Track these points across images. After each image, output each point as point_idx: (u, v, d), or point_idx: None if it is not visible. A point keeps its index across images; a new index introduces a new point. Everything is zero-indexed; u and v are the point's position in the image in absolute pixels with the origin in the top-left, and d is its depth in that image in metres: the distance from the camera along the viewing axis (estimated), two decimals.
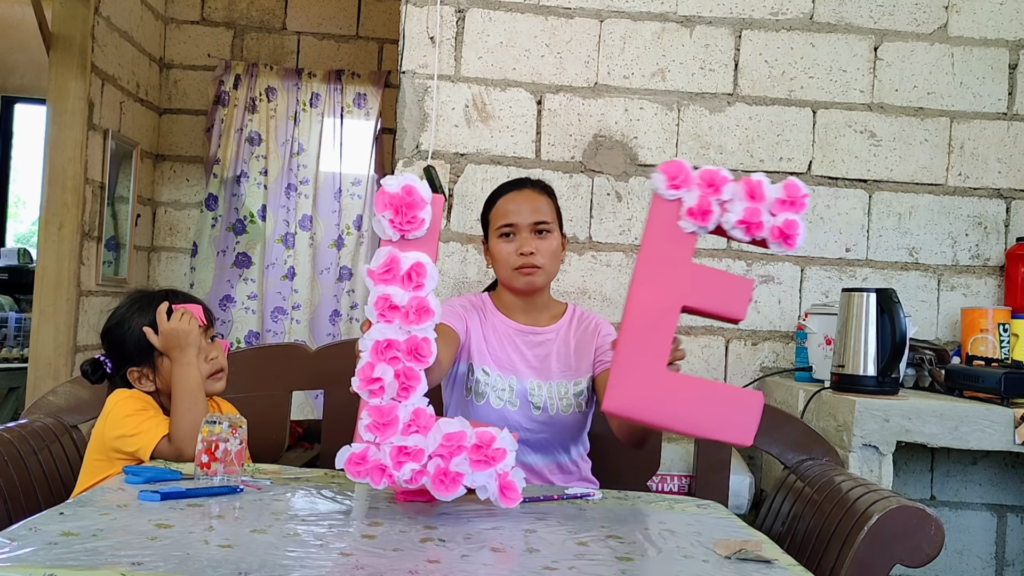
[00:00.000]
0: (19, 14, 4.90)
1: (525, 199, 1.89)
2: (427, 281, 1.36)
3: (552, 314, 1.97)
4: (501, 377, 1.89)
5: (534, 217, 1.87)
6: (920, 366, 2.40)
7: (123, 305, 1.75)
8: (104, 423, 1.64)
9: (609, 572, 1.13)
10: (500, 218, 1.90)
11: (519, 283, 1.88)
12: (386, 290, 1.35)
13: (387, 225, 1.37)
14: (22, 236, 6.14)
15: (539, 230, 1.87)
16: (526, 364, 1.91)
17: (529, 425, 1.86)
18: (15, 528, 1.14)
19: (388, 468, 1.32)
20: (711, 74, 2.63)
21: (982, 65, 2.66)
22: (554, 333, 1.93)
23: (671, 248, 1.42)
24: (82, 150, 3.47)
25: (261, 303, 4.24)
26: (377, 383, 1.33)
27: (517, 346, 1.92)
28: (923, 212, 2.66)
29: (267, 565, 1.05)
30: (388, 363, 1.33)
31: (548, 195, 1.94)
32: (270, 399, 2.12)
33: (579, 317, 1.98)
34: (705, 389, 1.41)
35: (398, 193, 1.37)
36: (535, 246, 1.85)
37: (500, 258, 1.89)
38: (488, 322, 1.94)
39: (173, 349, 1.66)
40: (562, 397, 1.88)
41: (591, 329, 1.95)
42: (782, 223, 1.46)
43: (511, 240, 1.88)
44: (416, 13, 2.59)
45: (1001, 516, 2.64)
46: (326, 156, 4.32)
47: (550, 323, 1.95)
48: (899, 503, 1.54)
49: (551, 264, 1.90)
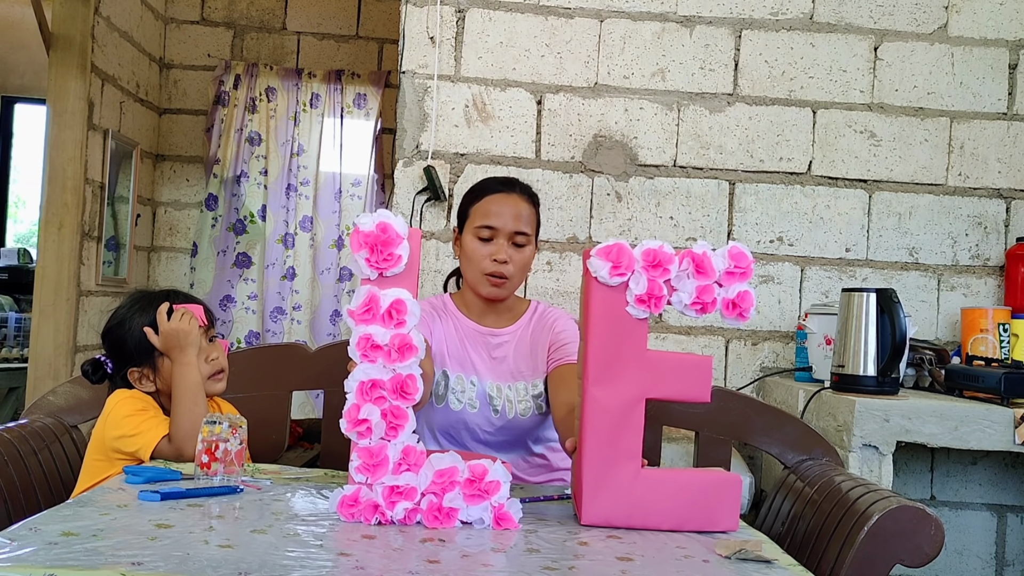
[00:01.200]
0: (19, 14, 4.90)
1: (511, 204, 1.84)
2: (408, 318, 1.33)
3: (514, 314, 1.93)
4: (462, 378, 1.87)
5: (515, 226, 1.83)
6: (920, 366, 2.40)
7: (124, 305, 1.75)
8: (104, 423, 1.64)
9: (609, 572, 1.13)
10: (481, 217, 1.85)
11: (484, 290, 1.85)
12: (367, 330, 1.32)
13: (364, 264, 1.35)
14: (22, 236, 6.14)
15: (517, 242, 1.83)
16: (485, 365, 1.89)
17: (488, 428, 1.86)
18: (15, 528, 1.14)
19: (381, 506, 1.30)
20: (711, 74, 2.63)
21: (982, 65, 2.66)
22: (512, 334, 1.91)
23: (623, 338, 1.35)
24: (82, 150, 3.47)
25: (261, 303, 4.24)
26: (364, 424, 1.30)
27: (477, 347, 1.90)
28: (923, 212, 2.66)
29: (267, 565, 1.05)
30: (374, 403, 1.31)
31: (533, 204, 1.90)
32: (270, 399, 2.12)
33: (540, 314, 1.94)
34: (682, 481, 1.36)
35: (373, 231, 1.35)
36: (509, 255, 1.82)
37: (473, 258, 1.85)
38: (448, 324, 1.91)
39: (173, 349, 1.66)
40: (521, 400, 1.87)
41: (547, 327, 1.91)
42: (735, 296, 1.42)
43: (488, 243, 1.83)
44: (416, 13, 2.59)
45: (1001, 516, 2.64)
46: (326, 156, 4.32)
47: (510, 323, 1.92)
48: (899, 503, 1.54)
49: (520, 276, 1.87)
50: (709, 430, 2.09)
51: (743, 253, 1.42)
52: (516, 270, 1.84)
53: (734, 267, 1.39)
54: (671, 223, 2.62)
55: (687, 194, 2.62)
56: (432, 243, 2.57)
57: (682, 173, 2.63)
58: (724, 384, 2.60)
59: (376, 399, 1.31)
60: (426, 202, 2.56)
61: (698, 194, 2.62)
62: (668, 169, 2.62)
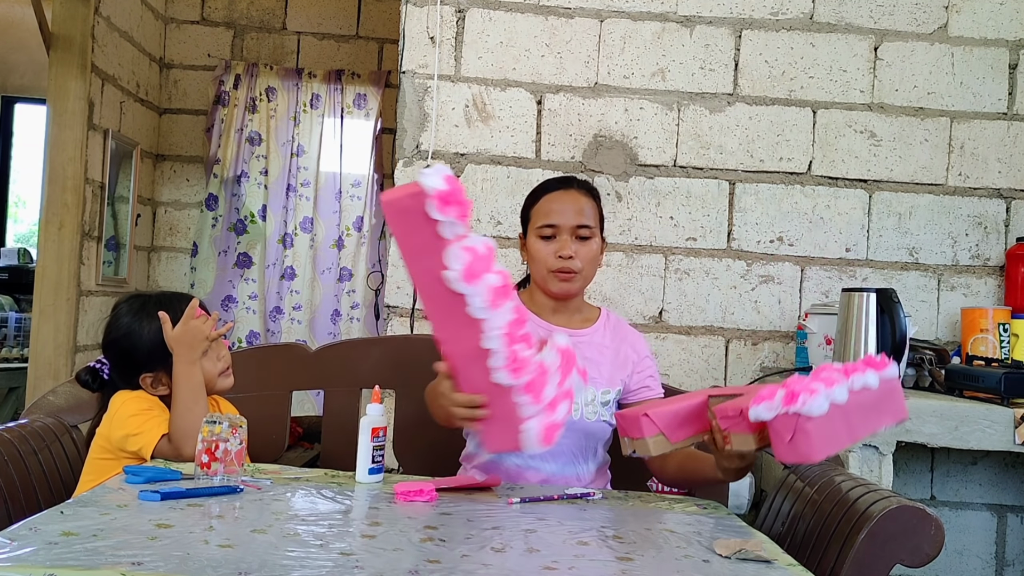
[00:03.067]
0: (19, 14, 4.90)
1: (570, 200, 1.85)
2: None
3: (584, 317, 1.94)
4: None
5: (577, 220, 1.83)
6: (920, 366, 2.40)
7: (123, 313, 1.73)
8: (110, 422, 1.65)
9: (609, 572, 1.14)
10: (542, 217, 1.86)
11: (554, 287, 1.85)
12: (493, 279, 1.39)
13: (458, 223, 1.37)
14: (22, 236, 6.14)
15: (581, 235, 1.84)
16: None
17: None
18: (15, 528, 1.14)
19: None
20: (711, 74, 2.63)
21: (982, 65, 2.66)
22: (587, 337, 1.90)
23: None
24: (82, 150, 3.47)
25: (262, 303, 4.25)
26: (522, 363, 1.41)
27: None
28: (923, 212, 2.66)
29: (267, 565, 1.05)
30: (521, 340, 1.43)
31: (593, 197, 1.90)
32: (270, 399, 2.12)
33: (614, 325, 1.96)
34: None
35: (445, 188, 1.35)
36: (575, 250, 1.82)
37: (538, 258, 1.85)
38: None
39: (184, 345, 1.67)
40: (588, 403, 1.85)
41: (627, 342, 1.93)
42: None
43: (551, 241, 1.84)
44: (416, 13, 2.59)
45: (1001, 516, 2.64)
46: (326, 157, 4.33)
47: (582, 326, 1.92)
48: (899, 503, 1.54)
49: (589, 269, 1.86)
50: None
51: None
52: (584, 263, 1.84)
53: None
54: (671, 223, 2.62)
55: (687, 194, 2.62)
56: None
57: (682, 173, 2.63)
58: (724, 384, 2.60)
59: (521, 337, 1.40)
60: None
61: (698, 194, 2.62)
62: (668, 169, 2.62)
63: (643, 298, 2.61)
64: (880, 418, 1.37)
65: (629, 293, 2.61)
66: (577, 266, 1.83)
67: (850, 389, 1.31)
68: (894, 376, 1.39)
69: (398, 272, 2.56)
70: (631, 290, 2.61)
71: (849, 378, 1.32)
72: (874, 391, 1.34)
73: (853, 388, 1.32)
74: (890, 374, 1.38)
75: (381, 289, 4.04)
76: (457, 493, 1.54)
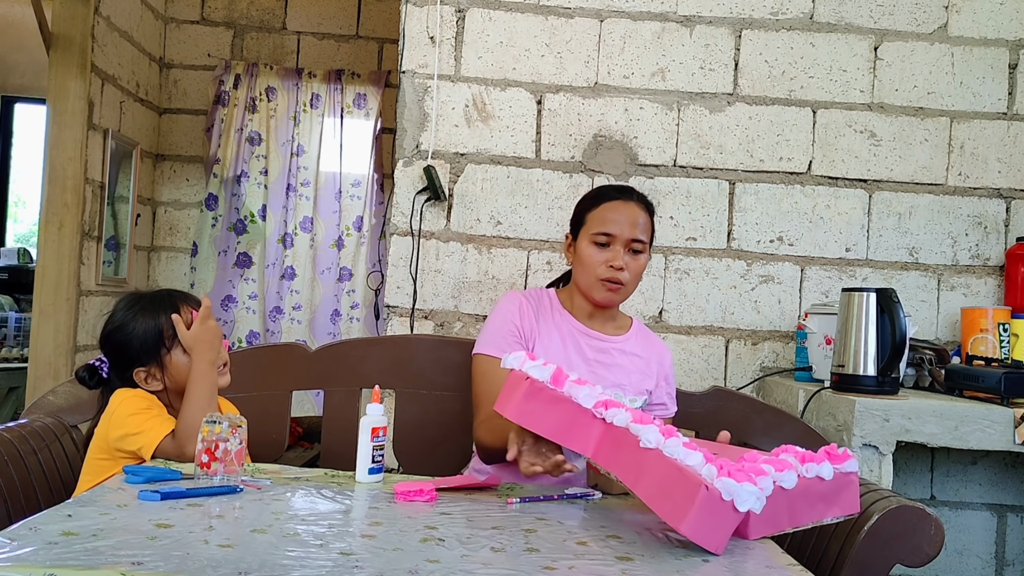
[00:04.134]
0: (19, 14, 4.90)
1: (629, 212, 1.86)
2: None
3: (617, 325, 1.96)
4: None
5: (633, 233, 1.84)
6: (920, 366, 2.40)
7: (120, 309, 1.75)
8: (108, 422, 1.65)
9: (609, 572, 1.13)
10: (599, 223, 1.86)
11: (599, 295, 1.86)
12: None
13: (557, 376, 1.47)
14: (22, 236, 6.14)
15: (634, 248, 1.85)
16: (587, 368, 1.88)
17: None
18: (15, 528, 1.14)
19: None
20: (711, 74, 2.63)
21: (982, 65, 2.66)
22: (619, 344, 1.92)
23: None
24: (82, 150, 3.47)
25: (262, 303, 4.25)
26: None
27: (580, 348, 1.90)
28: (923, 212, 2.66)
29: (267, 565, 1.05)
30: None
31: (649, 212, 1.91)
32: (270, 399, 2.12)
33: (644, 335, 1.98)
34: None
35: (532, 361, 1.50)
36: (626, 262, 1.83)
37: (588, 263, 1.86)
38: (551, 320, 1.91)
39: (202, 345, 1.68)
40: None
41: (656, 354, 1.95)
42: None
43: (604, 249, 1.85)
44: (416, 13, 2.59)
45: (1001, 516, 2.64)
46: (326, 156, 4.33)
47: (615, 333, 1.94)
48: (899, 503, 1.54)
49: (634, 284, 1.89)
50: (709, 430, 2.09)
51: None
52: (631, 277, 1.86)
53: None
54: (671, 223, 2.62)
55: (687, 194, 2.62)
56: (432, 243, 2.57)
57: (682, 173, 2.63)
58: (724, 384, 2.60)
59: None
60: (426, 202, 2.56)
61: (698, 194, 2.62)
62: (668, 169, 2.62)
63: (643, 298, 2.61)
64: (828, 509, 1.38)
65: None
66: (626, 278, 1.84)
67: (800, 475, 1.32)
68: (853, 471, 1.39)
69: (398, 272, 2.57)
70: None
71: (804, 465, 1.34)
72: (827, 482, 1.36)
73: (804, 475, 1.33)
74: (848, 468, 1.38)
75: (381, 289, 4.04)
76: (457, 493, 1.54)
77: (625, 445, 1.37)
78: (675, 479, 1.25)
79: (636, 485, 1.32)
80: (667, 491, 1.25)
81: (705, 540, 1.21)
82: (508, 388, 1.49)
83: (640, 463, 1.32)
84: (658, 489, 1.27)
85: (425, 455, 2.14)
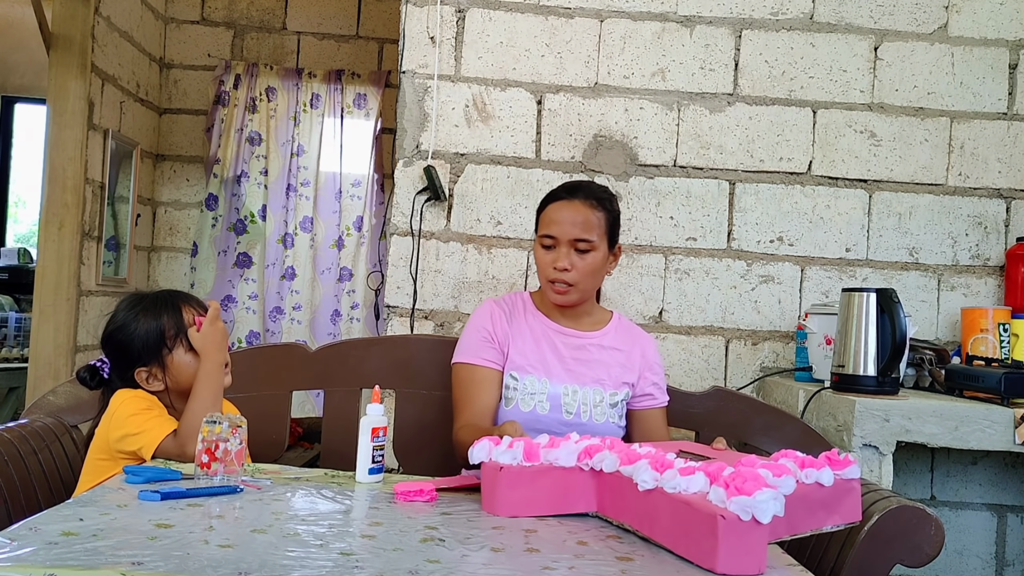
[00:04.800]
0: (19, 14, 4.90)
1: (572, 211, 1.83)
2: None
3: (594, 320, 1.95)
4: (534, 380, 1.86)
5: (574, 233, 1.82)
6: (920, 366, 2.40)
7: (121, 309, 1.76)
8: (109, 422, 1.65)
9: (609, 572, 1.13)
10: (544, 226, 1.86)
11: (551, 297, 1.87)
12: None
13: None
14: (22, 236, 6.14)
15: (579, 248, 1.82)
16: (563, 366, 1.88)
17: (560, 429, 1.81)
18: (15, 528, 1.14)
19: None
20: (711, 74, 2.63)
21: (982, 65, 2.66)
22: (595, 339, 1.91)
23: None
24: (82, 150, 3.47)
25: (262, 303, 4.25)
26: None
27: (556, 347, 1.90)
28: (923, 212, 2.66)
29: (267, 565, 1.05)
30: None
31: (600, 206, 1.87)
32: (270, 399, 2.12)
33: (625, 328, 1.96)
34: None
35: (495, 444, 1.45)
36: (571, 263, 1.81)
37: (538, 266, 1.87)
38: (525, 323, 1.91)
39: (212, 346, 1.69)
40: (596, 404, 1.86)
41: (637, 346, 1.93)
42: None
43: (550, 251, 1.84)
44: (416, 13, 2.59)
45: (1001, 516, 2.64)
46: (326, 156, 4.33)
47: (592, 329, 1.93)
48: (899, 503, 1.54)
49: (587, 282, 1.85)
50: (709, 430, 2.09)
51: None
52: (580, 276, 1.83)
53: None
54: (671, 223, 2.62)
55: (687, 194, 2.62)
56: (432, 243, 2.57)
57: (682, 173, 2.63)
58: (724, 384, 2.60)
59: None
60: (426, 202, 2.56)
61: (698, 194, 2.62)
62: (668, 169, 2.62)
63: (643, 298, 2.61)
64: (828, 516, 1.34)
65: (629, 293, 2.61)
66: (573, 278, 1.82)
67: (799, 481, 1.28)
68: (854, 477, 1.36)
69: (398, 272, 2.56)
70: (631, 290, 2.61)
71: (803, 470, 1.31)
72: (827, 488, 1.32)
73: (803, 481, 1.30)
74: (849, 475, 1.35)
75: (381, 289, 4.04)
76: (457, 493, 1.54)
77: (625, 491, 1.33)
78: (688, 515, 1.19)
79: (653, 532, 1.27)
80: (685, 530, 1.20)
81: (745, 568, 1.15)
82: (486, 484, 1.42)
83: (647, 507, 1.28)
84: (676, 531, 1.22)
85: (425, 455, 2.14)
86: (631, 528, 1.33)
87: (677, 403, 2.09)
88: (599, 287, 1.94)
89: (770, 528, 1.18)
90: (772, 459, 1.34)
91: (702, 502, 1.19)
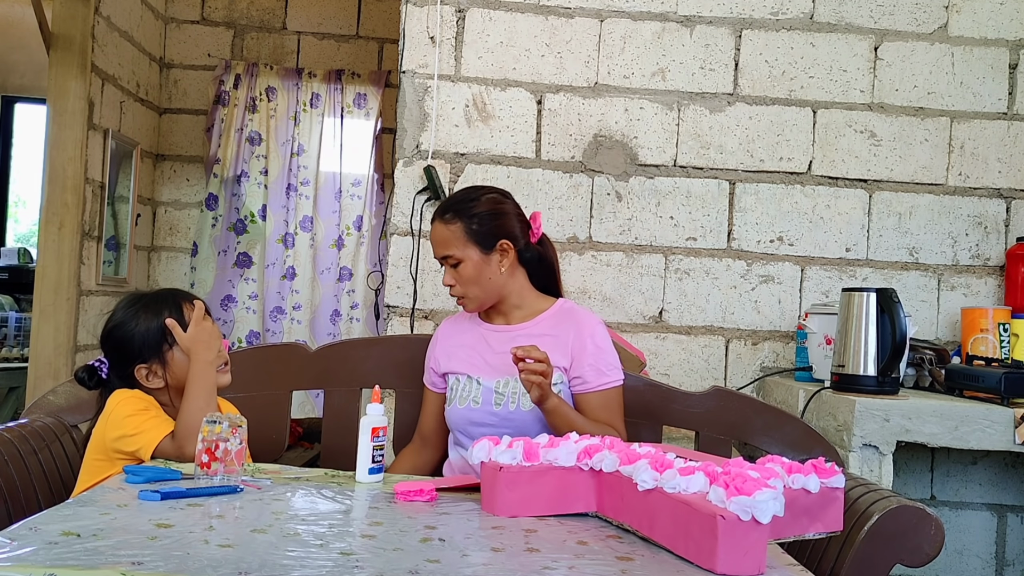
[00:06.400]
0: (19, 14, 4.90)
1: (434, 233, 1.96)
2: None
3: (526, 312, 1.98)
4: (469, 379, 1.94)
5: (439, 252, 1.95)
6: (920, 366, 2.40)
7: (120, 308, 1.76)
8: (105, 423, 1.65)
9: (609, 572, 1.13)
10: None
11: (460, 305, 2.00)
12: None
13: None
14: (22, 236, 6.14)
15: (450, 263, 1.93)
16: (493, 362, 1.93)
17: (489, 420, 1.90)
18: (15, 528, 1.14)
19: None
20: (711, 74, 2.63)
21: (982, 65, 2.66)
22: (525, 330, 1.95)
23: None
24: (82, 150, 3.47)
25: (262, 303, 4.25)
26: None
27: (488, 345, 1.96)
28: (923, 212, 2.66)
29: (267, 565, 1.05)
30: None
31: (456, 217, 1.91)
32: (270, 399, 2.12)
33: (564, 314, 1.97)
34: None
35: (496, 445, 1.46)
36: (452, 278, 1.93)
37: None
38: (463, 332, 2.01)
39: (200, 344, 1.68)
40: (525, 392, 1.86)
41: (573, 329, 1.93)
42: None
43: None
44: (416, 13, 2.59)
45: (1001, 516, 2.64)
46: (326, 156, 4.32)
47: (522, 321, 1.97)
48: (899, 503, 1.54)
49: (473, 290, 1.93)
50: (709, 430, 2.09)
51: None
52: (464, 287, 1.94)
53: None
54: (671, 223, 2.62)
55: (687, 194, 2.62)
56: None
57: (682, 173, 2.63)
58: (724, 384, 2.60)
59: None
60: (426, 202, 2.56)
61: (698, 194, 2.62)
62: (668, 169, 2.62)
63: (643, 298, 2.61)
64: (811, 523, 1.34)
65: (629, 293, 2.61)
66: (459, 292, 1.95)
67: (786, 486, 1.28)
68: (839, 487, 1.37)
69: (398, 272, 2.56)
70: (631, 290, 2.61)
71: (790, 476, 1.31)
72: (812, 496, 1.33)
73: (790, 486, 1.30)
74: (834, 483, 1.36)
75: (381, 289, 4.04)
76: (457, 493, 1.54)
77: (625, 491, 1.33)
78: (688, 515, 1.19)
79: (653, 532, 1.27)
80: (685, 530, 1.20)
81: (745, 568, 1.15)
82: (486, 483, 1.43)
83: (647, 507, 1.28)
84: (676, 530, 1.22)
85: None
86: (631, 528, 1.33)
87: (677, 403, 2.09)
88: (503, 284, 1.93)
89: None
90: (758, 463, 1.34)
91: (702, 502, 1.19)
